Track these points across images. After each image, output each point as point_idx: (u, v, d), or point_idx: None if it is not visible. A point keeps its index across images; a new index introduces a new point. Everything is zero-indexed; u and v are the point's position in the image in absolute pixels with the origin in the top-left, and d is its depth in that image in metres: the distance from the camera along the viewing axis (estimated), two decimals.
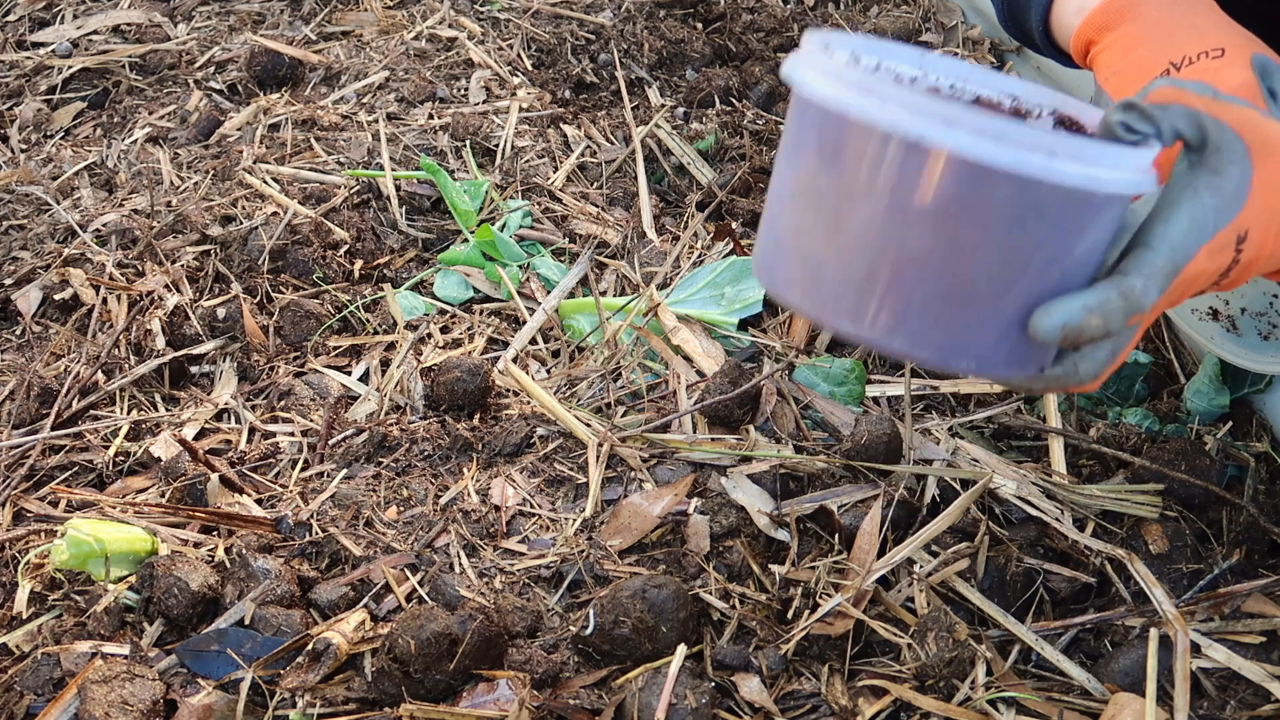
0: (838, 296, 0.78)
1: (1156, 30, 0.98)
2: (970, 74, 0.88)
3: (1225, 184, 0.78)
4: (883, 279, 0.76)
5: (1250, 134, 0.78)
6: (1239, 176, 0.78)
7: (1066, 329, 0.74)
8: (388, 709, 1.14)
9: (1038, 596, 1.20)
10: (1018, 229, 0.73)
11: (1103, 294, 0.74)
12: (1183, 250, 0.77)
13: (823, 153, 0.76)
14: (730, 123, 2.07)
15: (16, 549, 1.35)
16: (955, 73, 0.88)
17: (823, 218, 0.77)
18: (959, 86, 0.88)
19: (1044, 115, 0.87)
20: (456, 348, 1.67)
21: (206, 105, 2.22)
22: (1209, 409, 1.37)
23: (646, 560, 1.29)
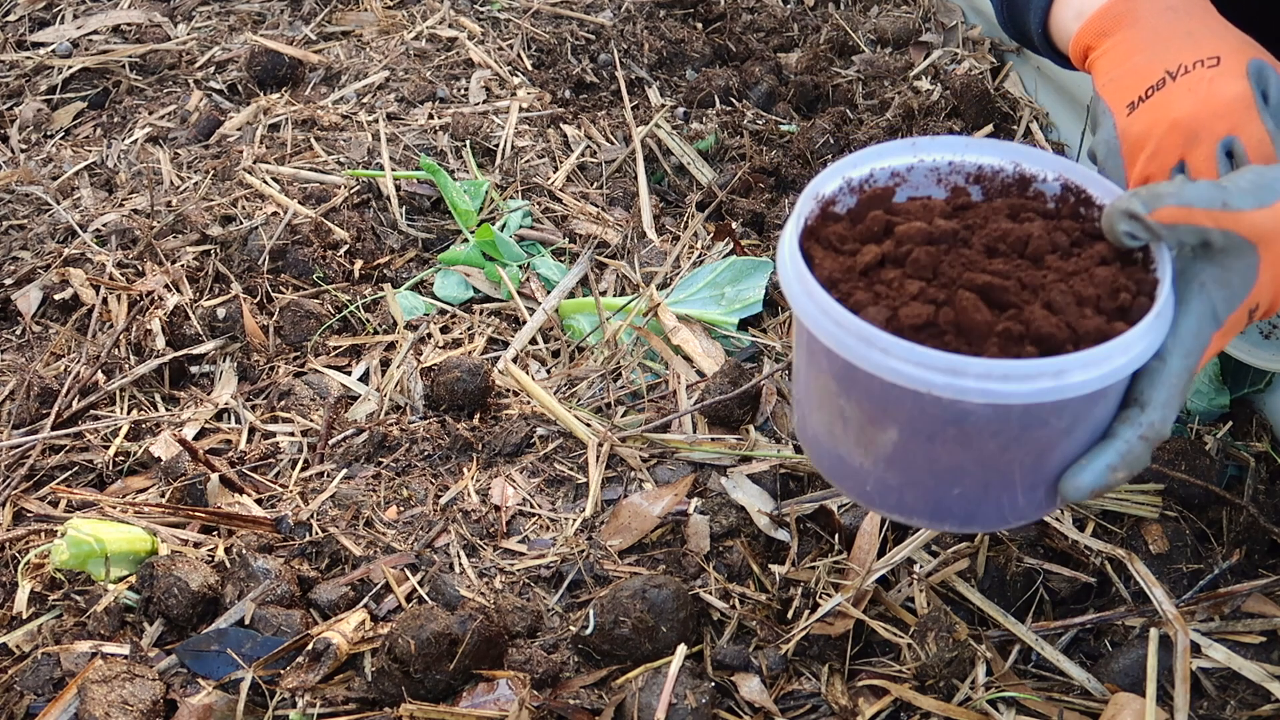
0: (881, 495, 0.85)
1: (1153, 37, 0.98)
2: (966, 146, 0.90)
3: (1232, 277, 0.80)
4: (919, 486, 0.82)
5: (1258, 232, 0.79)
6: (1246, 268, 0.79)
7: (1095, 491, 0.79)
8: (388, 709, 1.14)
9: (1038, 596, 1.20)
10: (1041, 429, 0.77)
11: (1124, 445, 0.78)
12: (1196, 348, 0.80)
13: (839, 381, 0.79)
14: (730, 123, 2.07)
15: (16, 549, 1.35)
16: (950, 148, 0.90)
17: (850, 432, 0.82)
18: (957, 160, 0.90)
19: (1049, 179, 0.88)
20: (456, 348, 1.67)
21: (206, 105, 2.22)
22: (1209, 409, 1.37)
23: (646, 560, 1.29)
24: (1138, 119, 0.97)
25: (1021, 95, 2.02)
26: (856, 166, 0.89)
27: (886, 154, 0.90)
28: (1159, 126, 0.95)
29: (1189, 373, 0.80)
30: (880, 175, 0.89)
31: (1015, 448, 0.78)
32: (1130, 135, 0.98)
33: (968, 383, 0.72)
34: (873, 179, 0.89)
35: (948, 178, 0.90)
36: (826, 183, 0.87)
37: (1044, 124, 1.96)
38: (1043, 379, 0.72)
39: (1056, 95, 1.96)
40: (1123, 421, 0.80)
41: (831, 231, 0.85)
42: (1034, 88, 2.03)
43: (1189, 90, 0.94)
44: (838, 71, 2.20)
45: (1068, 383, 0.73)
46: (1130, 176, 0.99)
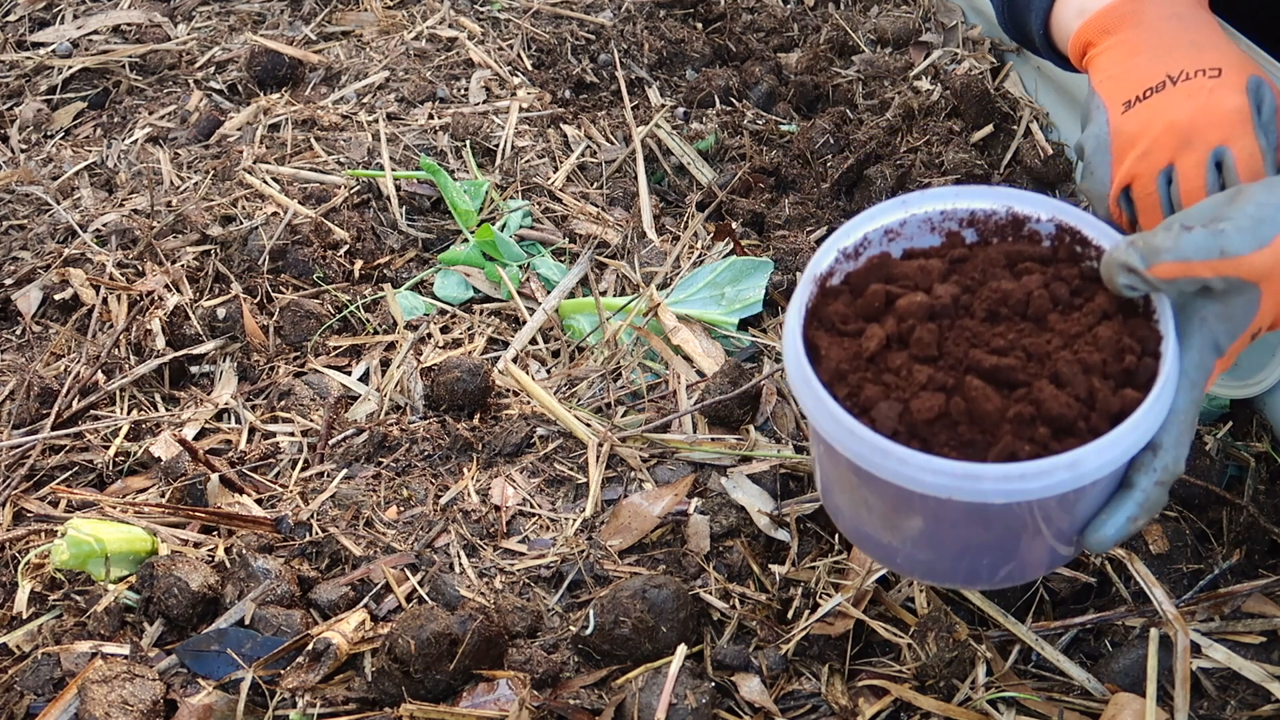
0: (911, 567, 0.90)
1: (1157, 41, 0.99)
2: (957, 194, 0.91)
3: (1234, 311, 0.81)
4: (948, 560, 0.87)
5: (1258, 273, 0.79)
6: (1247, 303, 0.80)
7: (1119, 541, 0.83)
8: (388, 709, 1.14)
9: (1038, 596, 1.20)
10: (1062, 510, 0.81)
11: (1142, 495, 0.81)
12: (1200, 380, 0.81)
13: (859, 476, 0.82)
14: (730, 123, 2.07)
15: (16, 549, 1.35)
16: (941, 198, 0.91)
17: (875, 518, 0.86)
18: (949, 209, 0.91)
19: (1042, 219, 0.89)
20: (456, 348, 1.67)
21: (206, 105, 2.22)
22: (1209, 409, 1.37)
23: (646, 560, 1.29)
24: (1133, 117, 0.97)
25: (1021, 95, 2.02)
26: (849, 235, 0.90)
27: (877, 216, 0.91)
28: (1154, 127, 0.96)
29: (1196, 405, 0.81)
30: (874, 236, 0.91)
31: (1039, 526, 0.82)
32: (1123, 132, 0.98)
33: (985, 485, 0.75)
34: (866, 242, 0.90)
35: (941, 225, 0.91)
36: (822, 261, 0.89)
37: (1044, 124, 1.96)
38: (1059, 473, 0.75)
39: (1057, 95, 1.96)
40: (1139, 470, 0.82)
41: (833, 311, 0.86)
42: (1034, 88, 2.03)
43: (1189, 96, 0.94)
44: (838, 71, 2.20)
45: (1084, 471, 0.75)
46: (1116, 174, 1.00)
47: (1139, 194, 0.98)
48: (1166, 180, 0.96)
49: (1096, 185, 1.02)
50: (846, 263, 0.90)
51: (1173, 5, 1.00)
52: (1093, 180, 1.02)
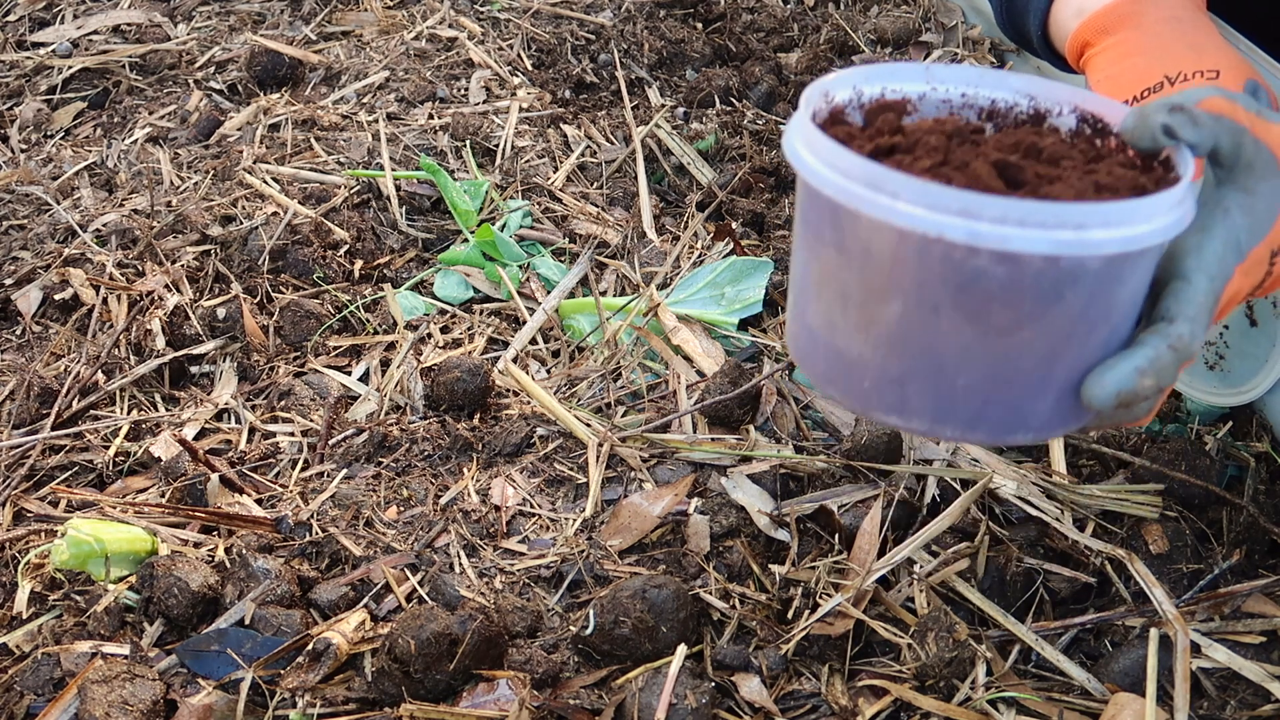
0: (880, 392, 0.76)
1: (1156, 42, 0.99)
2: (981, 78, 0.85)
3: (1258, 202, 0.78)
4: (921, 374, 0.73)
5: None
6: (1271, 195, 0.78)
7: (1121, 395, 0.73)
8: (388, 709, 1.14)
9: (1038, 596, 1.20)
10: (1056, 304, 0.70)
11: (1152, 351, 0.73)
12: (1221, 275, 0.76)
13: (842, 248, 0.73)
14: (730, 123, 2.07)
15: (16, 549, 1.35)
16: (964, 79, 0.85)
17: (851, 313, 0.74)
18: (970, 94, 0.85)
19: (1064, 112, 0.84)
20: (456, 348, 1.67)
21: (206, 105, 2.22)
22: (1209, 409, 1.37)
23: (646, 560, 1.29)
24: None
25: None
26: (869, 81, 0.83)
27: (899, 76, 0.84)
28: None
29: (1214, 297, 0.76)
30: (891, 98, 0.84)
31: (1027, 326, 0.70)
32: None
33: (982, 226, 0.66)
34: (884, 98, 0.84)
35: (960, 112, 0.85)
36: (838, 87, 0.82)
37: None
38: (1063, 229, 0.66)
39: None
40: (1151, 332, 0.75)
41: (840, 130, 0.79)
42: None
43: None
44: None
45: (1088, 237, 0.66)
46: None
47: None
48: None
49: None
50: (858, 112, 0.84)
51: (1171, 7, 1.01)
52: None
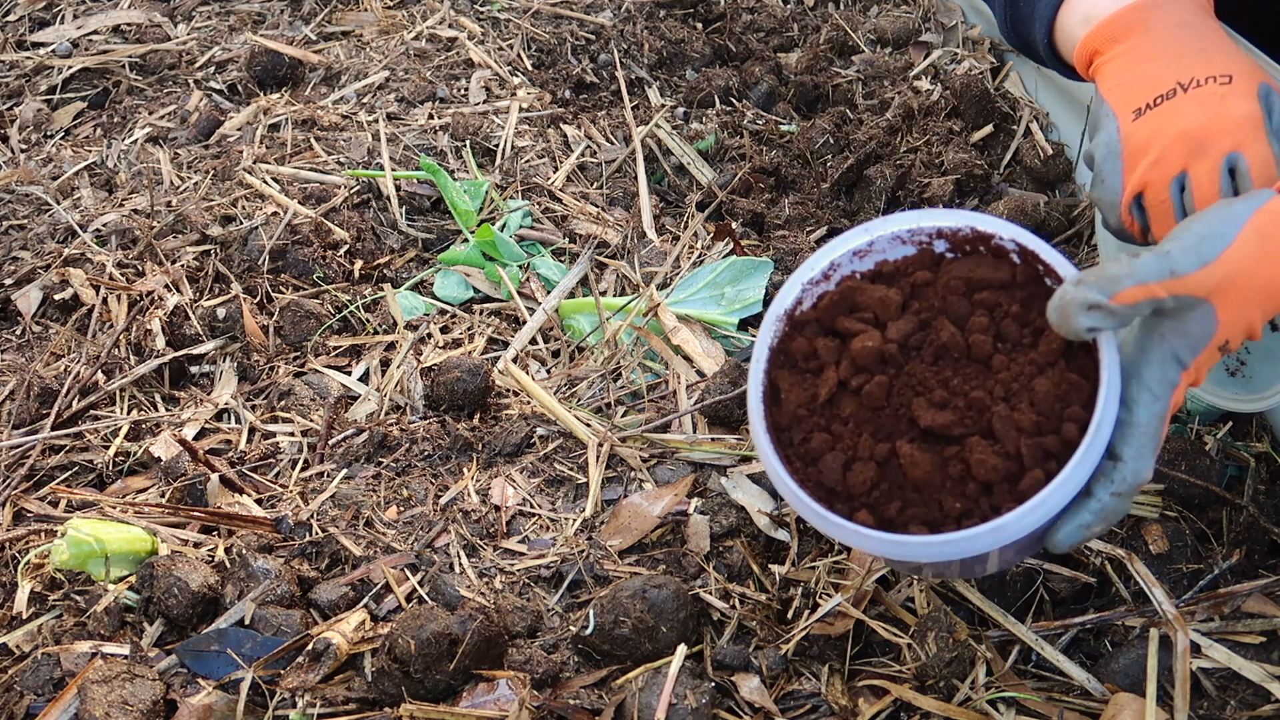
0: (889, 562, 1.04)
1: (1166, 48, 0.98)
2: (923, 216, 0.94)
3: (1190, 327, 0.83)
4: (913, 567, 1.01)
5: (1205, 289, 0.81)
6: (1201, 318, 0.82)
7: (1076, 546, 0.86)
8: (388, 709, 1.14)
9: (1038, 596, 1.20)
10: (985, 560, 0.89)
11: (1097, 504, 0.85)
12: (1163, 393, 0.84)
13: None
14: (730, 123, 2.07)
15: (16, 549, 1.35)
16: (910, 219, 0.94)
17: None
18: (917, 228, 0.94)
19: (1005, 239, 0.91)
20: (456, 348, 1.67)
21: (206, 105, 2.22)
22: (1209, 409, 1.36)
23: (646, 560, 1.29)
24: (1144, 125, 0.97)
25: (1021, 95, 2.02)
26: (814, 267, 0.95)
27: (842, 244, 0.95)
28: (1165, 134, 0.95)
29: (1159, 417, 0.84)
30: (842, 259, 0.95)
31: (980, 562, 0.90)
32: (1134, 140, 0.98)
33: (911, 551, 0.83)
34: (834, 266, 0.95)
35: (911, 239, 0.95)
36: (787, 296, 0.94)
37: (1044, 124, 1.96)
38: (981, 539, 0.81)
39: (1057, 95, 1.96)
40: (1099, 479, 0.84)
41: (797, 347, 0.93)
42: (1034, 88, 2.03)
43: (1200, 103, 0.94)
44: (838, 71, 2.20)
45: (1006, 535, 0.81)
46: (1128, 181, 0.99)
47: (1151, 202, 0.98)
48: (1179, 187, 0.96)
49: (1108, 193, 1.01)
50: (815, 288, 0.95)
51: (1180, 12, 1.00)
52: (1104, 189, 1.02)
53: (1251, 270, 0.81)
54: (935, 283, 0.92)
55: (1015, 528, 0.81)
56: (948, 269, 0.92)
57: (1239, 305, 0.82)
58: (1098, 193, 1.03)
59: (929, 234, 0.94)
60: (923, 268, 0.94)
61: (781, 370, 0.93)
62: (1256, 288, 0.82)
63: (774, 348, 0.94)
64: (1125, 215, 1.01)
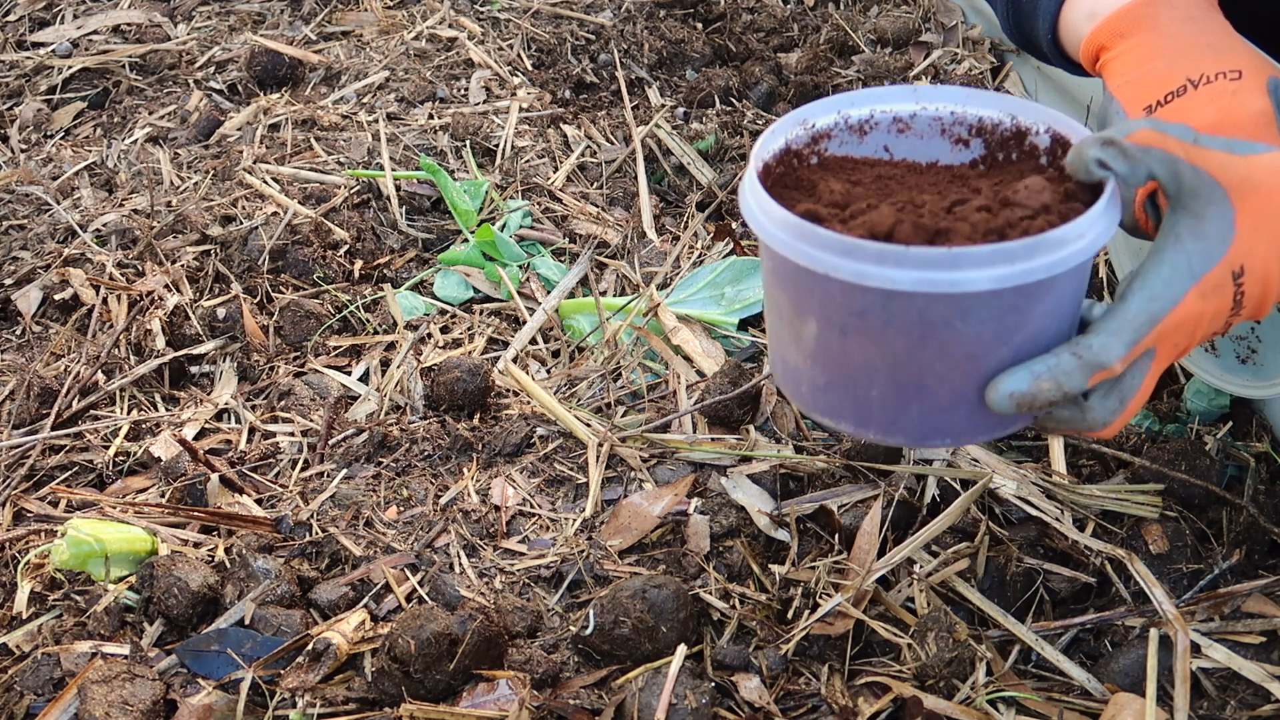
0: (813, 397, 0.86)
1: (1174, 44, 0.98)
2: (969, 98, 0.91)
3: (1207, 226, 0.80)
4: (841, 384, 0.83)
5: (1227, 176, 0.79)
6: (1220, 218, 0.79)
7: (1015, 398, 0.77)
8: (388, 709, 1.14)
9: (1038, 596, 1.20)
10: (948, 330, 0.76)
11: (1054, 359, 0.77)
12: (1164, 297, 0.79)
13: (774, 275, 0.84)
14: (730, 123, 2.07)
15: (16, 549, 1.35)
16: (953, 98, 0.92)
17: (785, 328, 0.85)
18: (959, 111, 0.91)
19: (1041, 132, 0.90)
20: (456, 348, 1.67)
21: (206, 105, 2.22)
22: (1209, 409, 1.37)
23: (646, 560, 1.29)
24: None
25: (1021, 95, 2.02)
26: (858, 104, 0.90)
27: (888, 98, 0.91)
28: None
29: (1151, 318, 0.79)
30: (882, 119, 0.91)
31: (922, 348, 0.77)
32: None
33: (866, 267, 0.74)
34: (874, 123, 0.91)
35: (951, 129, 0.92)
36: (820, 114, 0.89)
37: None
38: (937, 269, 0.72)
39: (1057, 95, 1.96)
40: (1064, 344, 0.79)
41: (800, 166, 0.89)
42: (1034, 88, 2.03)
43: (1211, 100, 0.94)
44: (838, 71, 2.20)
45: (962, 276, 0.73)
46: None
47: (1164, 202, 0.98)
48: None
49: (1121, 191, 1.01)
50: (849, 135, 0.91)
51: (1186, 7, 1.00)
52: None
53: (1275, 188, 0.79)
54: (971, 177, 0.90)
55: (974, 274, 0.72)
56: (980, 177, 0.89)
57: (1259, 222, 0.80)
58: None
59: (970, 125, 0.91)
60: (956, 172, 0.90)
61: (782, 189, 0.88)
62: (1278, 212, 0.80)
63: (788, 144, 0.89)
64: (1140, 214, 1.01)
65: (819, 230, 0.75)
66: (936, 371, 0.78)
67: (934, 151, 0.93)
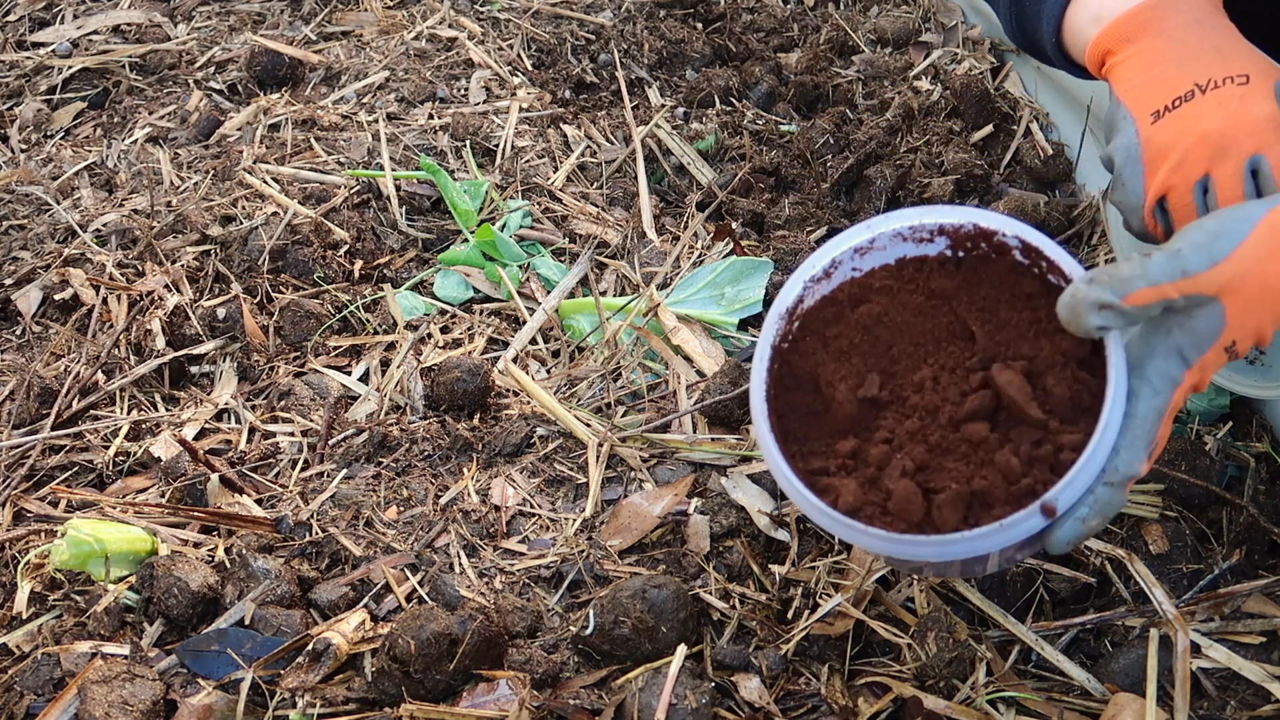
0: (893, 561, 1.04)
1: (1181, 48, 0.98)
2: (924, 212, 0.95)
3: (1197, 324, 0.83)
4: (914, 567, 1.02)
5: (1215, 287, 0.81)
6: (1209, 315, 0.82)
7: (1075, 543, 0.86)
8: (388, 709, 1.14)
9: (1038, 596, 1.20)
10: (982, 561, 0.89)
11: (1091, 497, 0.85)
12: (1165, 388, 0.84)
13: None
14: (730, 123, 2.07)
15: (16, 549, 1.35)
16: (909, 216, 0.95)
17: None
18: (919, 225, 0.94)
19: (1008, 236, 0.91)
20: (456, 348, 1.67)
21: (206, 105, 2.22)
22: (1209, 409, 1.37)
23: (646, 560, 1.29)
24: (1164, 128, 0.97)
25: (1021, 95, 2.02)
26: (815, 265, 0.96)
27: (844, 240, 0.96)
28: (1186, 138, 0.95)
29: (1158, 413, 0.84)
30: (843, 257, 0.96)
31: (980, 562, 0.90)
32: (1154, 144, 0.97)
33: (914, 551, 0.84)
34: (835, 264, 0.96)
35: (912, 236, 0.95)
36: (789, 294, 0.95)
37: (1044, 124, 1.96)
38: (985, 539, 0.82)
39: (1056, 95, 1.96)
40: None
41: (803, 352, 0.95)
42: (1034, 88, 2.03)
43: (1219, 105, 0.94)
44: (838, 71, 2.20)
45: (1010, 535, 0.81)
46: (1150, 185, 0.99)
47: (1175, 205, 0.97)
48: (1203, 190, 0.96)
49: (1129, 197, 1.01)
50: (818, 285, 0.96)
51: (1192, 10, 1.00)
52: (1125, 193, 1.01)
53: (1262, 269, 0.81)
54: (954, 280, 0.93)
55: (1020, 529, 0.81)
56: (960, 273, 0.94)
57: (1248, 304, 0.82)
58: (1119, 197, 1.02)
59: (931, 230, 0.94)
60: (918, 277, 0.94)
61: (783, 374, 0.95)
62: (1267, 287, 0.82)
63: (776, 346, 0.94)
64: (1149, 219, 1.01)
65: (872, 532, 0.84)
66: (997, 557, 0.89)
67: (900, 252, 0.96)
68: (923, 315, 0.93)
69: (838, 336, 0.94)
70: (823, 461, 0.90)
